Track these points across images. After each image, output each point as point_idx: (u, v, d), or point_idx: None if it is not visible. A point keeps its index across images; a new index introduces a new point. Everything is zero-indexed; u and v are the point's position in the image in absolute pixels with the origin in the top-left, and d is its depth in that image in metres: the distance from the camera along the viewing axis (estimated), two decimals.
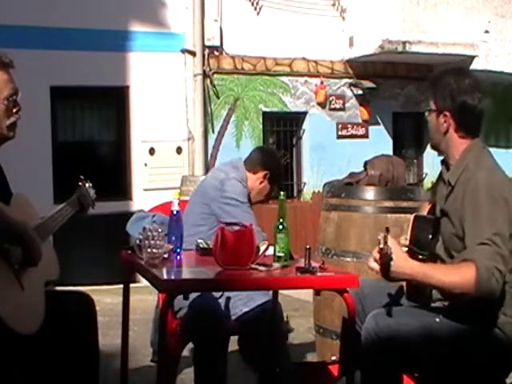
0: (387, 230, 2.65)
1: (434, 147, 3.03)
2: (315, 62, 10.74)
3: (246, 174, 3.97)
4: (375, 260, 2.75)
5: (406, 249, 2.91)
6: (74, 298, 3.04)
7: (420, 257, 2.82)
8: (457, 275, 2.64)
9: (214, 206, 3.82)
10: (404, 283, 3.02)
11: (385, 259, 2.64)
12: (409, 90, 11.39)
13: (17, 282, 2.69)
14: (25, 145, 7.78)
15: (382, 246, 2.63)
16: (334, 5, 10.79)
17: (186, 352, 3.94)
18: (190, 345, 3.74)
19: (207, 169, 9.85)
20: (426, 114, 3.00)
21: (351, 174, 4.92)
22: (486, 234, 2.66)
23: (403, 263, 2.67)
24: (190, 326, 3.46)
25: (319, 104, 10.81)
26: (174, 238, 3.12)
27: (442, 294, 2.84)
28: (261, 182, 4.01)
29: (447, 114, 2.90)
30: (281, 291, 3.77)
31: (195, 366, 3.53)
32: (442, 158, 3.04)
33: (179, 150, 9.80)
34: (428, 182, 11.21)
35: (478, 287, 2.60)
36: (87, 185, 3.31)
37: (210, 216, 3.81)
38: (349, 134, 11.08)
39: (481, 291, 2.61)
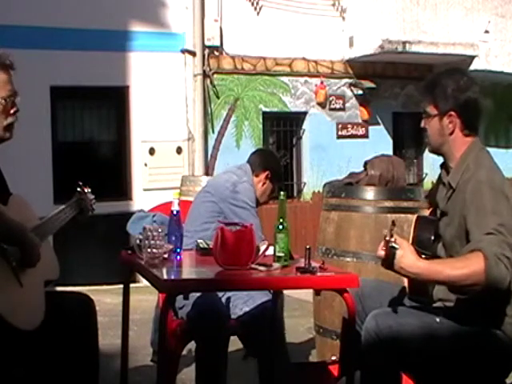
0: (393, 223, 2.66)
1: (434, 151, 3.00)
2: (315, 61, 10.73)
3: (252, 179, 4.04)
4: (381, 257, 2.73)
5: None
6: (74, 298, 3.04)
7: (423, 256, 2.81)
8: (465, 267, 2.60)
9: (225, 205, 3.87)
10: (406, 282, 3.02)
11: (389, 251, 2.63)
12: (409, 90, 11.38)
13: (15, 279, 2.69)
14: (25, 145, 7.82)
15: (387, 238, 2.63)
16: (333, 5, 10.78)
17: (185, 352, 3.94)
18: (190, 345, 3.74)
19: (207, 169, 9.86)
20: (423, 121, 2.97)
21: (351, 174, 4.93)
22: (492, 224, 2.64)
23: (410, 260, 2.65)
24: (193, 325, 3.46)
25: (319, 104, 10.81)
26: (173, 238, 3.12)
27: (451, 289, 2.79)
28: (263, 184, 4.09)
29: (452, 113, 2.88)
30: None
31: (197, 364, 3.54)
32: (442, 160, 3.04)
33: (179, 150, 9.79)
34: (428, 182, 11.20)
35: (488, 275, 2.56)
36: (86, 190, 3.32)
37: (219, 215, 3.85)
38: (349, 133, 11.07)
39: (491, 279, 2.57)
